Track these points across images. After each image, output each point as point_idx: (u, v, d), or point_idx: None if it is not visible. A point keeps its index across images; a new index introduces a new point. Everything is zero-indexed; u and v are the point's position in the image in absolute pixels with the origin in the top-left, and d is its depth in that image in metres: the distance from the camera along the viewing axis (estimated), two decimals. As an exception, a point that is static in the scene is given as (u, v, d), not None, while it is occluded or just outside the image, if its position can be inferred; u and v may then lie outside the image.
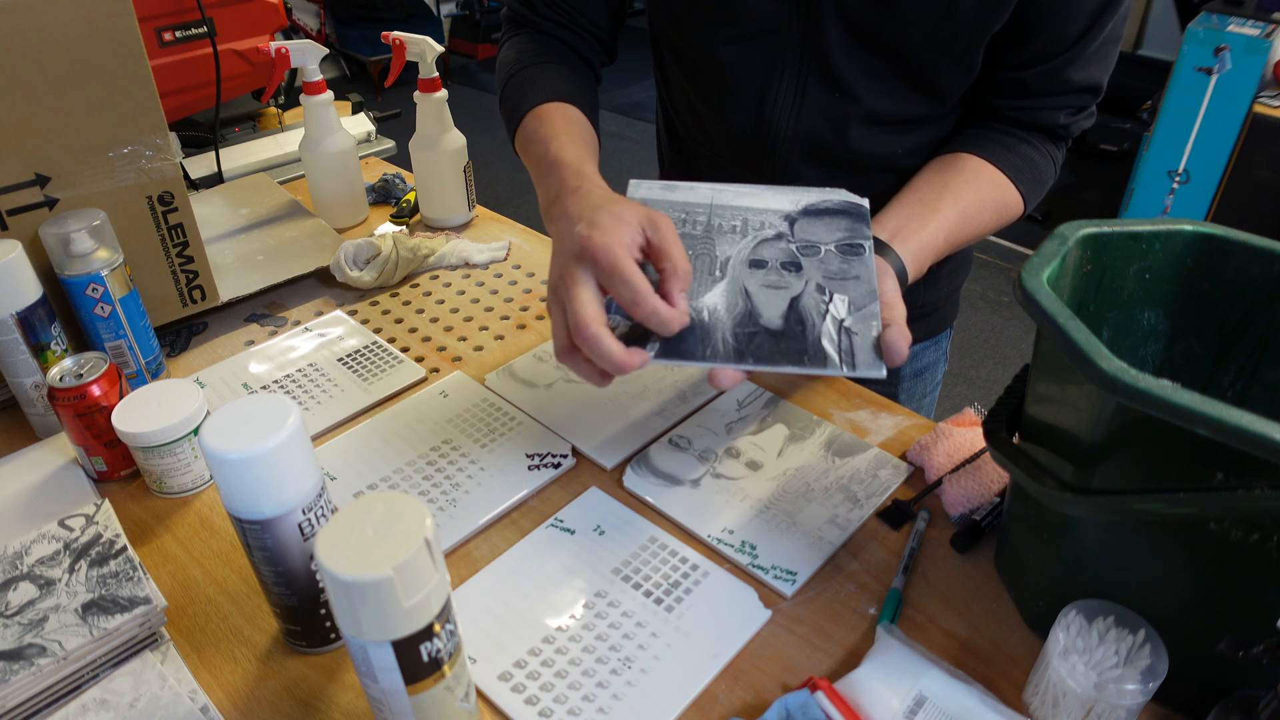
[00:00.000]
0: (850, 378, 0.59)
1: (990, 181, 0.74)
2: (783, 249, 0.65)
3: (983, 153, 0.74)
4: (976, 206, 0.73)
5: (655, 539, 0.63)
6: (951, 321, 0.98)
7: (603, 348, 0.54)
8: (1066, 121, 0.76)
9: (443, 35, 4.95)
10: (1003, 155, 0.74)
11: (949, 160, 0.75)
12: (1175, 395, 0.41)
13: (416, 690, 0.44)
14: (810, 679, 0.52)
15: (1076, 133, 0.78)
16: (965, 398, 2.33)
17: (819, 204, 0.68)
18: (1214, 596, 0.47)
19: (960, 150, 0.75)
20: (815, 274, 0.63)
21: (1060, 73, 0.72)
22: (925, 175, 0.74)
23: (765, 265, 0.63)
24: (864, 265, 0.63)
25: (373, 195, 1.15)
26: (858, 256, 0.64)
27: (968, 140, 0.76)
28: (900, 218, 0.70)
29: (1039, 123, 0.76)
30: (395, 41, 1.05)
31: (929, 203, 0.71)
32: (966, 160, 0.74)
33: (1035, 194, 0.77)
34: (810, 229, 0.66)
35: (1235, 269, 0.56)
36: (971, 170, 0.73)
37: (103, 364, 0.68)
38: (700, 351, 0.58)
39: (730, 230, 0.66)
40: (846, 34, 0.71)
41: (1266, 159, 2.44)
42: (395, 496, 0.43)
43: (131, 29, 0.72)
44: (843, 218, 0.67)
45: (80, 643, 0.52)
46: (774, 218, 0.67)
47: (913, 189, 0.73)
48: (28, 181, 0.72)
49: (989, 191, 0.74)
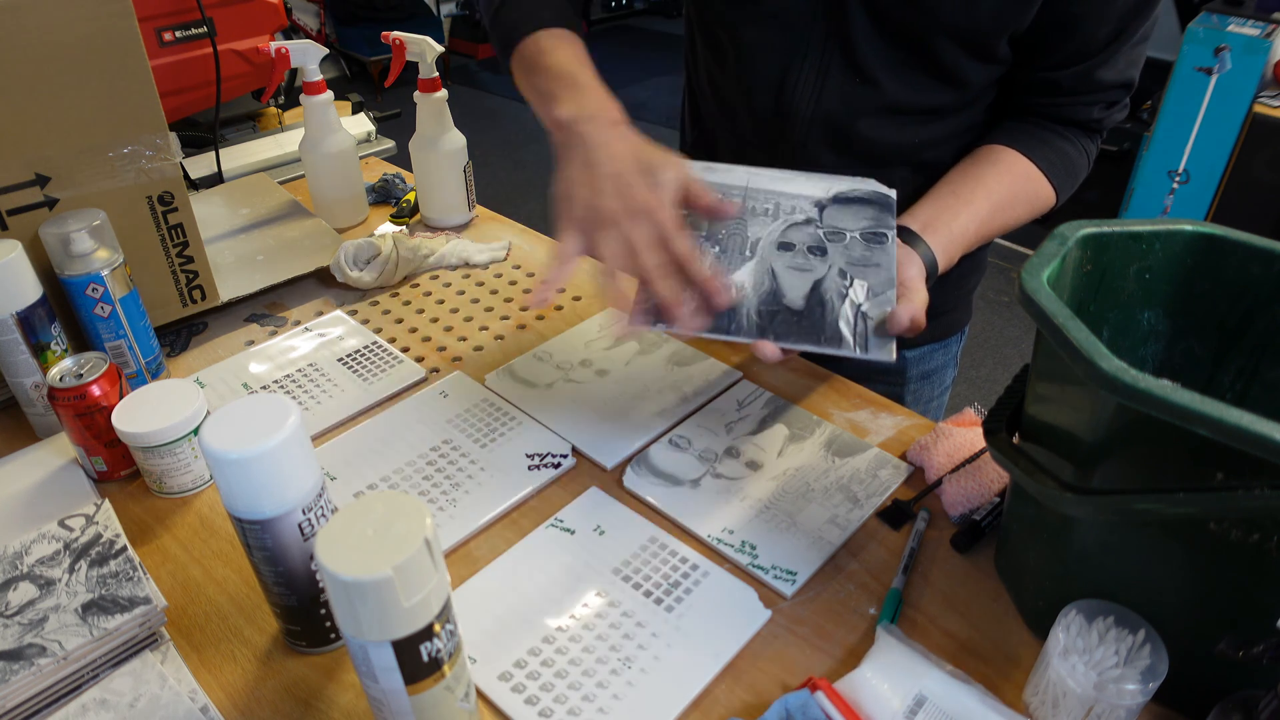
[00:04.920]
0: (862, 360, 0.61)
1: (1023, 174, 0.75)
2: (810, 233, 0.67)
3: (1016, 146, 0.75)
4: (1009, 199, 0.74)
5: (655, 539, 0.63)
6: (963, 326, 0.97)
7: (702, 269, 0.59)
8: (1100, 116, 0.77)
9: (443, 35, 4.95)
10: (1036, 149, 0.76)
11: (982, 153, 0.76)
12: (1175, 395, 0.41)
13: (416, 690, 0.44)
14: (810, 679, 0.52)
15: (1110, 125, 0.79)
16: (965, 398, 2.33)
17: (849, 192, 0.70)
18: (1214, 596, 0.47)
19: (994, 143, 0.76)
20: (839, 259, 0.66)
21: (1092, 74, 0.73)
22: (959, 168, 0.76)
23: (793, 248, 0.66)
24: (885, 254, 0.66)
25: (373, 195, 1.15)
26: (880, 245, 0.66)
27: (1001, 134, 0.77)
28: (932, 209, 0.72)
29: (1073, 118, 0.77)
30: (395, 41, 1.05)
31: (961, 195, 0.73)
32: (1000, 153, 0.75)
33: (1068, 187, 0.78)
34: (838, 216, 0.68)
35: (1235, 269, 0.56)
36: (1005, 163, 0.75)
37: (103, 364, 0.68)
38: (726, 325, 0.62)
39: (763, 213, 0.69)
40: (869, 21, 0.71)
41: (1266, 159, 2.43)
42: (395, 496, 0.43)
43: (131, 29, 0.72)
44: (870, 207, 0.69)
45: (80, 643, 0.52)
46: (805, 203, 0.69)
47: (946, 181, 0.75)
48: (28, 181, 0.72)
49: (1021, 184, 0.75)
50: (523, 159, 3.82)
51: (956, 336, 0.97)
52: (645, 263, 0.59)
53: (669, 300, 0.59)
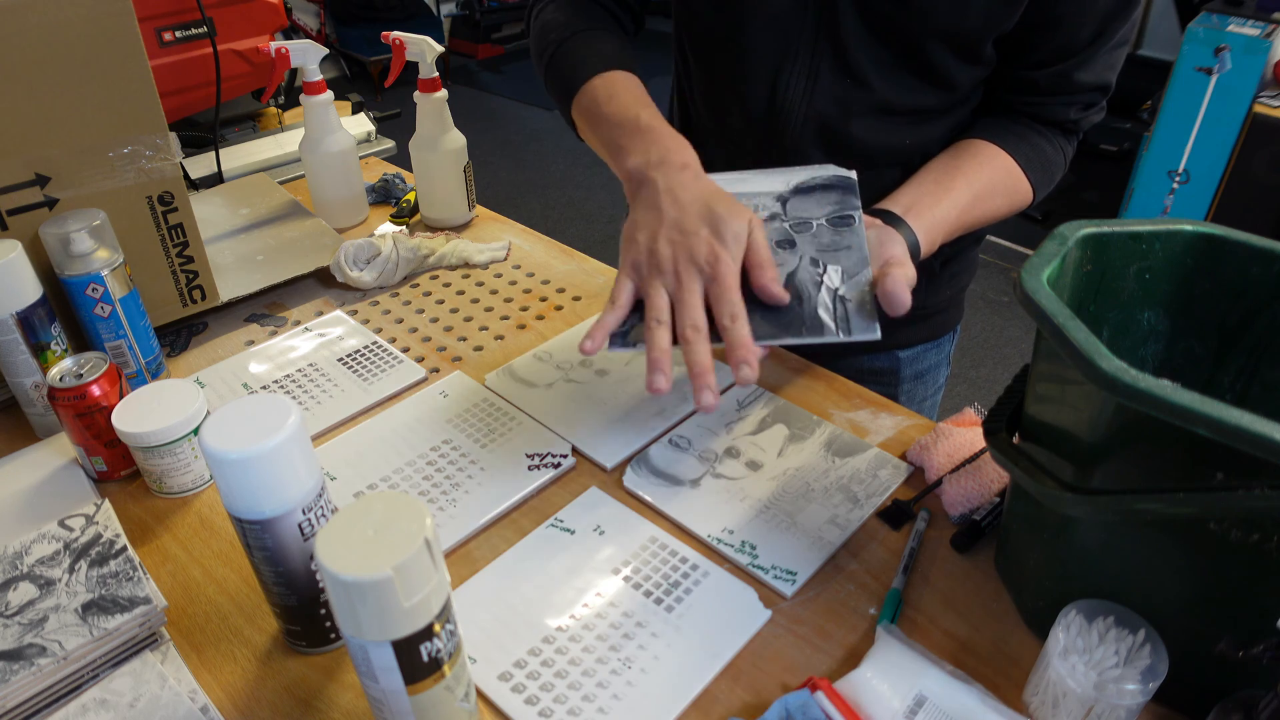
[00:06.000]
0: (847, 343, 0.60)
1: (1003, 168, 0.76)
2: (776, 228, 0.66)
3: (996, 140, 0.76)
4: (988, 190, 0.75)
5: (655, 539, 0.63)
6: (954, 325, 0.97)
7: (702, 358, 0.57)
8: (1077, 117, 0.78)
9: (443, 35, 4.95)
10: (1015, 144, 0.77)
11: (963, 145, 0.77)
12: (1175, 395, 0.41)
13: (416, 690, 0.44)
14: (810, 679, 0.52)
15: (1087, 127, 0.80)
16: (965, 398, 2.33)
17: (809, 181, 0.69)
18: (1214, 596, 0.47)
19: (974, 137, 0.77)
20: (809, 249, 0.65)
21: (1070, 75, 0.74)
22: (940, 158, 0.77)
23: None
24: (855, 235, 0.65)
25: (373, 195, 1.15)
26: (848, 227, 0.65)
27: (982, 128, 0.78)
28: (914, 194, 0.72)
29: (1051, 118, 0.78)
30: (395, 41, 1.05)
31: (942, 182, 0.73)
32: (980, 146, 0.76)
33: (1045, 184, 0.79)
34: (802, 206, 0.68)
35: (1235, 269, 0.56)
36: (985, 155, 0.76)
37: (103, 364, 0.68)
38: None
39: None
40: (860, 22, 0.72)
41: (1266, 159, 2.44)
42: (395, 496, 0.43)
43: (131, 29, 0.72)
44: (832, 191, 0.68)
45: (80, 643, 0.52)
46: (767, 199, 0.69)
47: (927, 169, 0.76)
48: (28, 181, 0.72)
49: (1001, 177, 0.76)
50: (523, 159, 3.82)
51: (949, 335, 0.97)
52: (683, 322, 0.58)
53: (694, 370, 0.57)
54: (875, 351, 0.94)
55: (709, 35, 0.81)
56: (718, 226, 0.61)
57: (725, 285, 0.59)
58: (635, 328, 0.62)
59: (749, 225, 0.61)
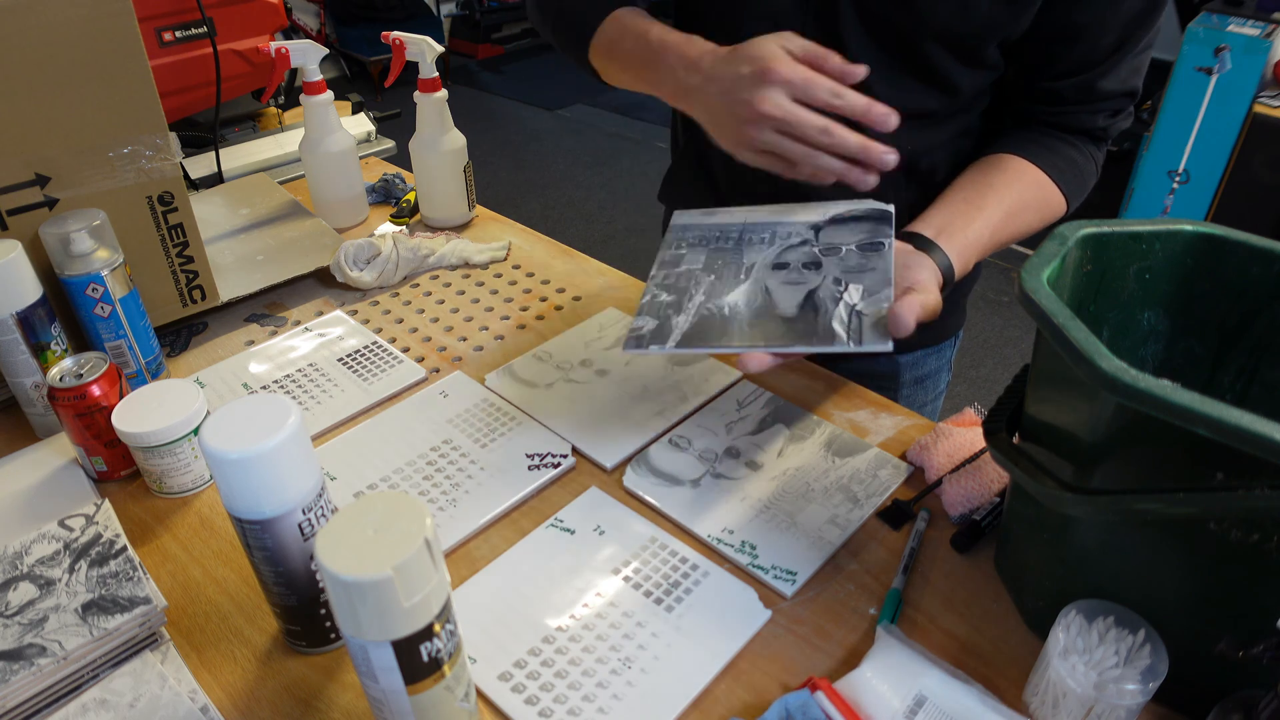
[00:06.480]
0: (858, 353, 0.60)
1: (1034, 181, 0.75)
2: (805, 252, 0.68)
3: (1025, 154, 0.76)
4: (1020, 205, 0.74)
5: (655, 539, 0.63)
6: (956, 330, 0.97)
7: (850, 138, 0.61)
8: (1105, 124, 0.77)
9: (443, 35, 4.95)
10: (1045, 156, 0.76)
11: (992, 161, 0.76)
12: (1175, 395, 0.41)
13: (416, 690, 0.44)
14: (810, 679, 0.52)
15: (1116, 133, 0.79)
16: (965, 398, 2.33)
17: (845, 213, 0.70)
18: (1214, 596, 0.47)
19: (1003, 152, 0.76)
20: (834, 270, 0.65)
21: (1094, 84, 0.73)
22: (969, 175, 0.76)
23: (787, 266, 0.67)
24: (882, 259, 0.65)
25: (373, 195, 1.15)
26: (877, 252, 0.66)
27: (1010, 142, 0.77)
28: (945, 216, 0.72)
29: (1078, 126, 0.77)
30: (395, 41, 1.05)
31: (973, 200, 0.73)
32: (1009, 161, 0.75)
33: (1078, 194, 0.78)
34: (835, 234, 0.69)
35: (1235, 269, 0.56)
36: (1015, 170, 0.75)
37: (103, 364, 0.68)
38: (716, 340, 0.62)
39: (759, 242, 0.70)
40: (860, 23, 0.72)
41: (1266, 159, 2.43)
42: (395, 496, 0.43)
43: (131, 29, 0.72)
44: (867, 223, 0.69)
45: (80, 643, 0.52)
46: (800, 228, 0.70)
47: (957, 188, 0.75)
48: (28, 181, 0.72)
49: (1032, 191, 0.75)
50: (523, 159, 3.82)
51: (950, 341, 0.97)
52: (810, 135, 0.61)
53: (849, 156, 0.61)
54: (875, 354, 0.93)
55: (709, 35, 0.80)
56: (753, 56, 0.63)
57: (802, 80, 0.61)
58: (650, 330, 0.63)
59: (773, 39, 0.64)
